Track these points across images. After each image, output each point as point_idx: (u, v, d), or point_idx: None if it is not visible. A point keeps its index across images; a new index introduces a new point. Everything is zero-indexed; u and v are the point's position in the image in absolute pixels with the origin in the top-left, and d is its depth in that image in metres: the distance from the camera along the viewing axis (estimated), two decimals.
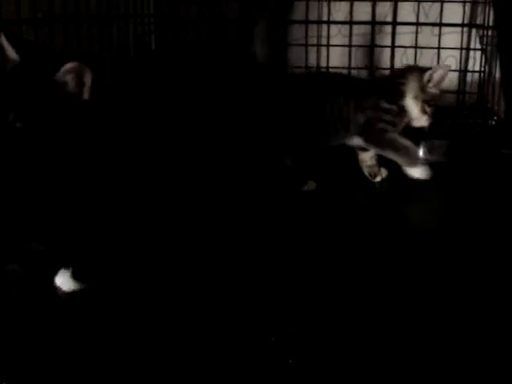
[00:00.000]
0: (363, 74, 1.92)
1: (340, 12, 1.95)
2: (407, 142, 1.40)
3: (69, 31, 1.43)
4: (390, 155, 1.41)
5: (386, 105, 1.41)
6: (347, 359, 0.79)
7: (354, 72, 1.91)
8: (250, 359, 0.78)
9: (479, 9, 1.91)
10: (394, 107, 1.42)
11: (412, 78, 1.43)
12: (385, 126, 1.40)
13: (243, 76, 1.67)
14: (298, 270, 1.03)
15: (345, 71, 1.92)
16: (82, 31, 1.50)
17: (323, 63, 1.96)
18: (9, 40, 0.91)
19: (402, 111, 1.43)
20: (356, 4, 1.92)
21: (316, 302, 0.92)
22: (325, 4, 1.94)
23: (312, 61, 1.97)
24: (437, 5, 1.89)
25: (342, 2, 1.94)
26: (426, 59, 1.92)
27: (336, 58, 1.95)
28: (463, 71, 1.96)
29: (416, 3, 1.88)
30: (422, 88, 1.42)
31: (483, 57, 1.91)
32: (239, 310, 0.89)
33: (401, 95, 1.43)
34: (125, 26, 1.76)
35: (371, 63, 1.92)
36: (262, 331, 0.83)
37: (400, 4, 1.90)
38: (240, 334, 0.84)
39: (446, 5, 1.88)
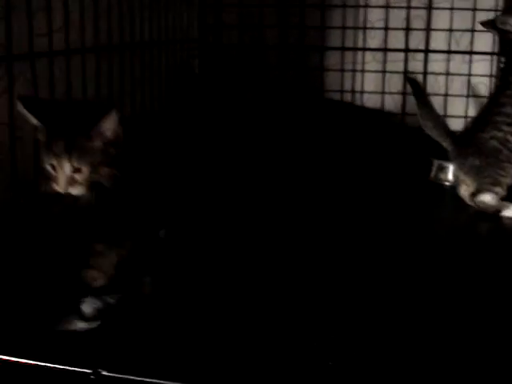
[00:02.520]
0: (396, 99, 2.02)
1: (375, 39, 2.05)
2: None
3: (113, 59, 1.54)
4: None
5: None
6: None
7: (387, 97, 2.02)
8: None
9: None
10: None
11: None
12: None
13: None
14: None
15: (378, 96, 2.03)
16: (135, 59, 1.61)
17: (358, 88, 2.06)
18: (27, 106, 0.98)
19: None
20: (390, 32, 2.02)
21: None
22: (360, 32, 2.05)
23: (347, 86, 2.07)
24: (468, 33, 1.98)
25: (377, 30, 2.04)
26: (456, 85, 2.01)
27: (370, 84, 2.05)
28: None
29: (448, 32, 1.97)
30: None
31: None
32: None
33: None
34: (172, 51, 1.88)
35: (404, 89, 2.01)
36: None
37: (432, 32, 1.99)
38: None
39: (476, 34, 1.97)
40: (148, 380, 0.56)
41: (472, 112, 1.92)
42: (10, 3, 1.13)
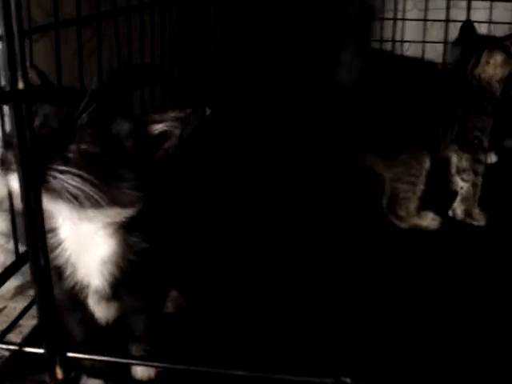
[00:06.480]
0: (437, 48, 1.95)
1: None
2: None
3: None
4: None
5: None
6: None
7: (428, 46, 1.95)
8: None
9: None
10: None
11: None
12: None
13: None
14: None
15: (419, 45, 1.95)
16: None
17: (398, 37, 1.98)
18: None
19: None
20: None
21: None
22: None
23: (387, 34, 1.99)
24: None
25: None
26: (499, 33, 1.95)
27: (411, 32, 1.98)
28: None
29: None
30: None
31: None
32: None
33: None
34: None
35: (445, 37, 1.94)
36: None
37: None
38: None
39: None
40: None
41: None
42: None
